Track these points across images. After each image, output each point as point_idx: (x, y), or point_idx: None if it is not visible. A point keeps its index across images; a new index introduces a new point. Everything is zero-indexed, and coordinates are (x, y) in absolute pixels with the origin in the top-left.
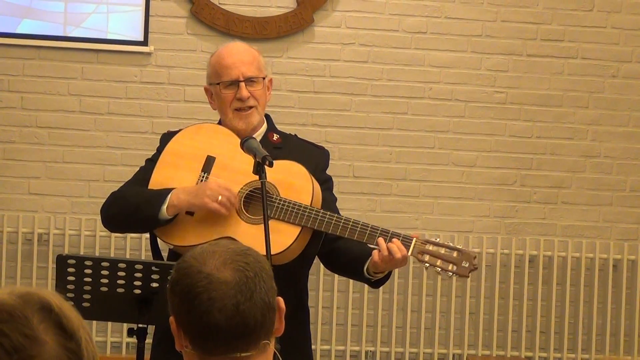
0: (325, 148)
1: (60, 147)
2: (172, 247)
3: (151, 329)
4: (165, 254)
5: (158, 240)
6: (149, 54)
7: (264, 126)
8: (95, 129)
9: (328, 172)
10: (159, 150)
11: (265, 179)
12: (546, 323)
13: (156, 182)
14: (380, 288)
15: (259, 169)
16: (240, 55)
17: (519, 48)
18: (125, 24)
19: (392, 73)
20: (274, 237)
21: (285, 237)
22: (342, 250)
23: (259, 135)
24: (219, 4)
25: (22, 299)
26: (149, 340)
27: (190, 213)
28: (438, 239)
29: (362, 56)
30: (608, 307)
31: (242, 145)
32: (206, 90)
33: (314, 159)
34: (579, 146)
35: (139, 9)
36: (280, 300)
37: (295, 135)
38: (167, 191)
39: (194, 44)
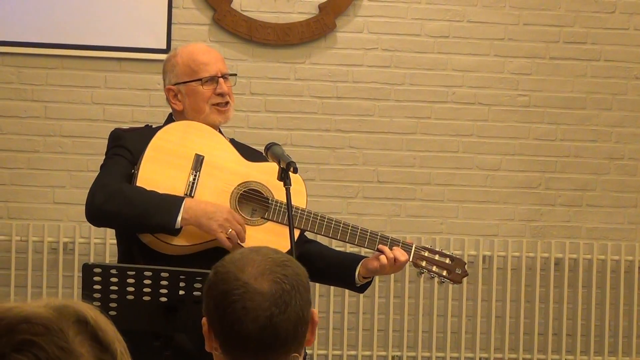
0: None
1: (85, 155)
2: (144, 241)
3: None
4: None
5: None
6: None
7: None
8: None
9: None
10: (121, 145)
11: (290, 184)
12: (573, 326)
13: (144, 178)
14: (406, 293)
15: (283, 175)
16: (214, 53)
17: (541, 51)
18: (147, 32)
19: (415, 77)
20: (272, 239)
21: (285, 239)
22: (315, 255)
23: None
24: (241, 11)
25: (57, 311)
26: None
27: None
28: (431, 246)
29: (384, 61)
30: (634, 309)
31: (267, 151)
32: (169, 90)
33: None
34: (603, 148)
35: (161, 17)
36: (315, 312)
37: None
38: (179, 200)
39: None
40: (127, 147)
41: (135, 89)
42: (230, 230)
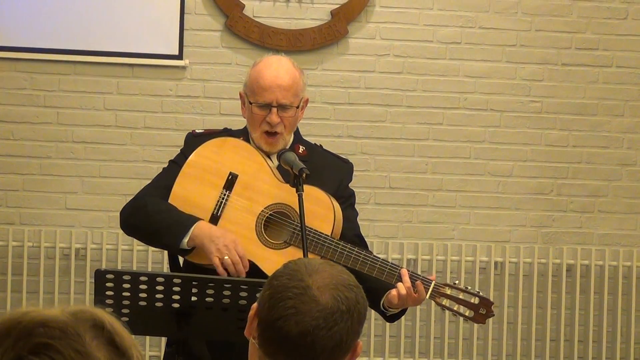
0: (349, 160)
1: (97, 161)
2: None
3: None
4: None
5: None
6: (184, 67)
7: (291, 139)
8: (132, 143)
9: (352, 185)
10: (184, 152)
11: (303, 191)
12: (584, 332)
13: (177, 194)
14: None
15: (296, 182)
16: (279, 79)
17: (553, 57)
18: (160, 38)
19: (427, 84)
20: None
21: None
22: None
23: None
24: (254, 17)
25: (74, 316)
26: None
27: None
28: (457, 282)
29: (396, 67)
30: None
31: (279, 157)
32: (241, 95)
33: (339, 173)
34: (615, 155)
35: (173, 23)
36: (360, 345)
37: (321, 146)
38: (191, 221)
39: (228, 57)
40: (188, 155)
41: (148, 95)
42: (226, 257)
